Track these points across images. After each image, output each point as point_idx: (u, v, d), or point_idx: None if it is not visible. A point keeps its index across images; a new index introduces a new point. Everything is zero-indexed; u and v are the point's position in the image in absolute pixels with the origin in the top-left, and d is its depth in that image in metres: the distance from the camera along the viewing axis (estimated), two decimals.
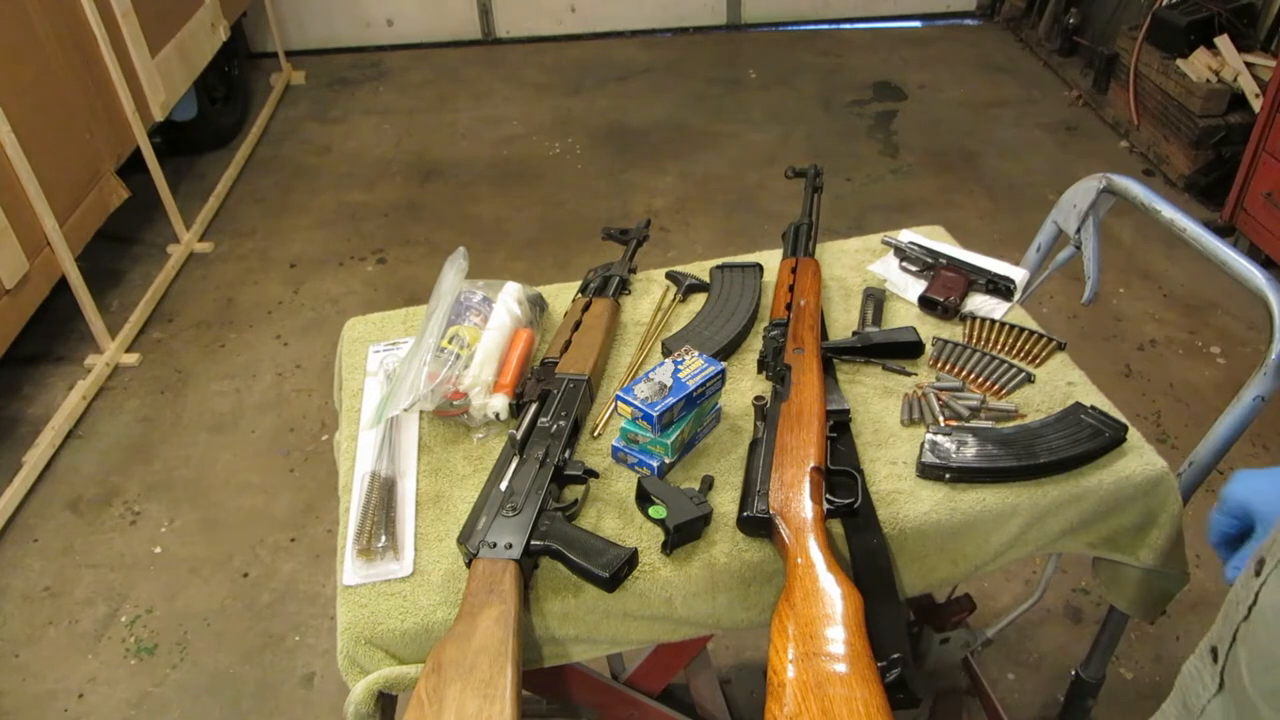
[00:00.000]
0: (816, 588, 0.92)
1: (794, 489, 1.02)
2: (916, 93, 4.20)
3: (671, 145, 3.84)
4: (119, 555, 2.22)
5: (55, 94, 2.57)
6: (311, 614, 2.07)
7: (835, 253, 1.48)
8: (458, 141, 3.93)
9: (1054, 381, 1.23)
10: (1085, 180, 1.39)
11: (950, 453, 1.09)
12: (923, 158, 3.70)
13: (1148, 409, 2.51)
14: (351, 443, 1.18)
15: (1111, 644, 1.42)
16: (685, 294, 1.40)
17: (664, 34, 4.86)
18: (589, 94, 4.28)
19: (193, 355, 2.82)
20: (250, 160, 3.79)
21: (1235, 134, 3.18)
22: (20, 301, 2.38)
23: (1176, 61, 3.36)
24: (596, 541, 0.99)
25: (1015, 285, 1.37)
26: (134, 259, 3.21)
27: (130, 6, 2.85)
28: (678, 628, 1.06)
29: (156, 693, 1.93)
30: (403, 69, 4.56)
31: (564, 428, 1.11)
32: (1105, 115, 3.89)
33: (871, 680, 0.84)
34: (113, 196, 2.82)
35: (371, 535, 1.04)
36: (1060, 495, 1.09)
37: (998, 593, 2.06)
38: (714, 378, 1.10)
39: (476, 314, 1.26)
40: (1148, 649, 1.95)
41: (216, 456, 2.47)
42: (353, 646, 0.97)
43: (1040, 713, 1.86)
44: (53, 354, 2.81)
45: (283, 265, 3.20)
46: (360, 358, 1.32)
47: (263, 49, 4.58)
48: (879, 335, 1.27)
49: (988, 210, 3.38)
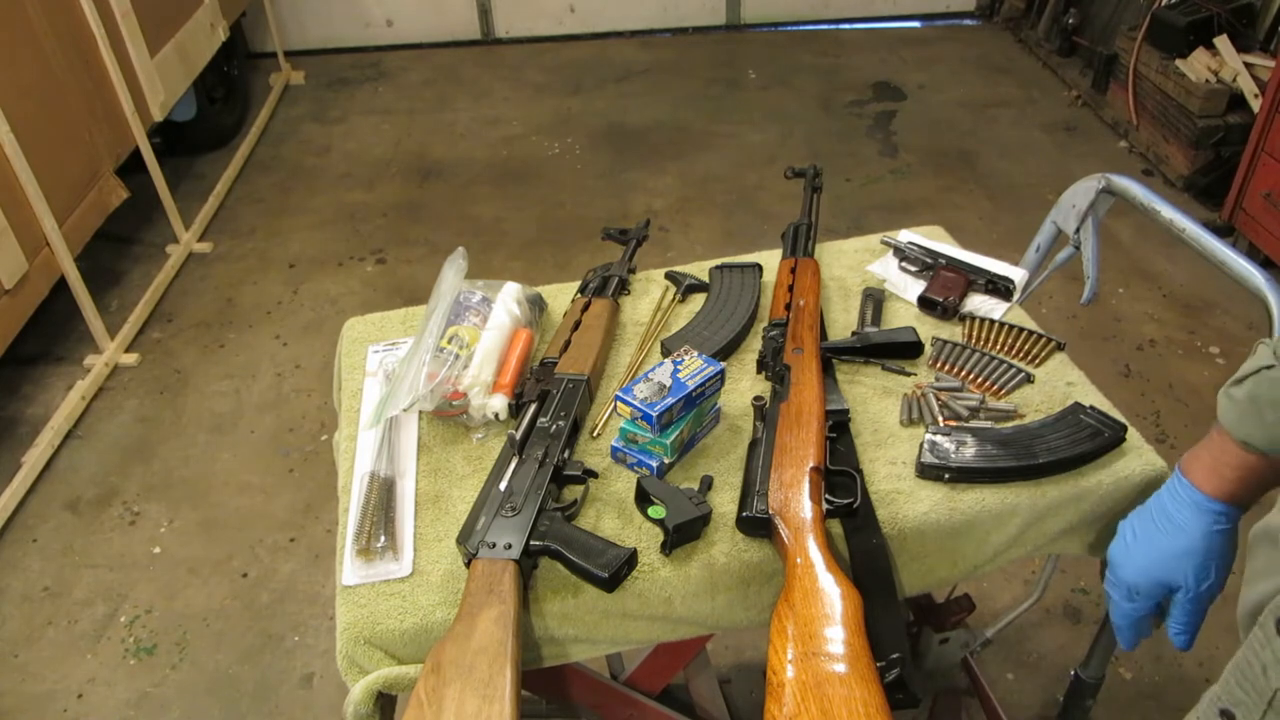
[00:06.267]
0: (816, 588, 0.92)
1: (793, 489, 1.02)
2: (916, 93, 4.20)
3: (671, 145, 3.83)
4: (118, 555, 2.22)
5: (55, 94, 2.57)
6: (311, 614, 2.07)
7: (834, 253, 1.48)
8: (457, 142, 3.93)
9: (1053, 382, 1.23)
10: (1084, 180, 1.39)
11: (949, 453, 1.09)
12: (922, 158, 3.71)
13: (1147, 409, 2.51)
14: (351, 443, 1.18)
15: (1111, 644, 1.42)
16: (684, 294, 1.40)
17: (663, 34, 4.86)
18: (588, 94, 4.28)
19: (192, 355, 2.82)
20: (249, 160, 3.79)
21: (1234, 134, 3.18)
22: (19, 301, 2.38)
23: (1176, 62, 3.36)
24: (596, 541, 0.99)
25: (1014, 285, 1.37)
26: (133, 259, 3.21)
27: (130, 6, 2.85)
28: (677, 628, 1.06)
29: (156, 693, 1.93)
30: (402, 69, 4.56)
31: (563, 428, 1.10)
32: (1104, 115, 3.89)
33: (871, 680, 0.84)
34: (112, 196, 2.82)
35: (371, 535, 1.04)
36: (1059, 495, 1.08)
37: (997, 593, 2.06)
38: (713, 378, 1.10)
39: (476, 314, 1.26)
40: (1147, 649, 1.95)
41: (216, 457, 2.47)
42: (352, 647, 0.97)
43: (1039, 713, 1.86)
44: (52, 354, 2.81)
45: (282, 265, 3.20)
46: (359, 358, 1.32)
47: (262, 49, 4.58)
48: (878, 335, 1.27)
49: (987, 210, 3.38)
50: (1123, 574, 0.98)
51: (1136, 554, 0.97)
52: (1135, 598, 0.98)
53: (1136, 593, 0.97)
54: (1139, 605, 0.98)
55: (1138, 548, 0.97)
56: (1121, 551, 0.99)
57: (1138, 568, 0.97)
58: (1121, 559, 0.99)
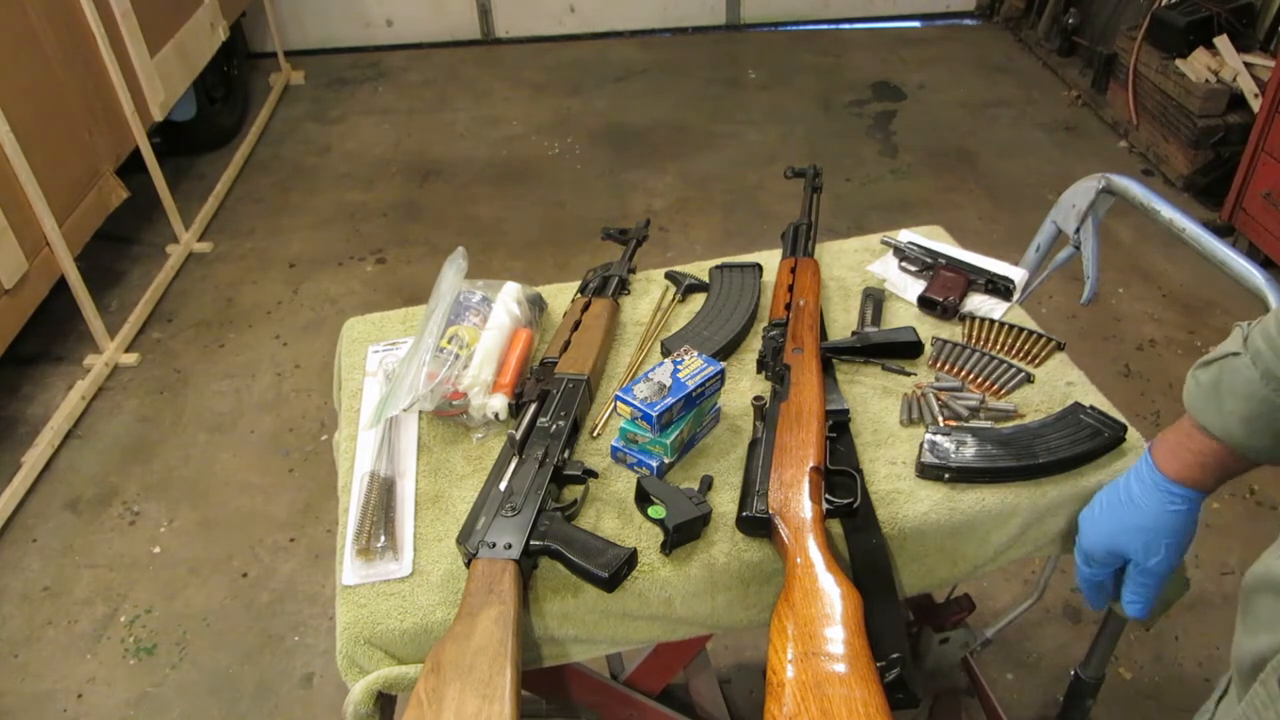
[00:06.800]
0: (816, 588, 0.92)
1: (793, 489, 1.02)
2: (915, 93, 4.20)
3: (671, 145, 3.83)
4: (118, 555, 2.22)
5: (54, 94, 2.57)
6: (311, 614, 2.07)
7: (834, 253, 1.48)
8: (457, 141, 3.93)
9: (1053, 381, 1.23)
10: (1084, 180, 1.39)
11: (949, 453, 1.09)
12: (922, 158, 3.71)
13: (1147, 409, 2.51)
14: (351, 443, 1.18)
15: (1110, 644, 1.42)
16: (684, 294, 1.40)
17: (663, 34, 4.86)
18: (588, 94, 4.28)
19: (192, 355, 2.82)
20: (249, 160, 3.79)
21: (1234, 134, 3.18)
22: (19, 301, 2.38)
23: (1176, 61, 3.36)
24: (596, 541, 0.99)
25: (1014, 285, 1.37)
26: (133, 259, 3.21)
27: (129, 6, 2.85)
28: (677, 628, 1.06)
29: (155, 693, 1.93)
30: (402, 69, 4.56)
31: (563, 428, 1.10)
32: (1104, 115, 3.89)
33: (871, 680, 0.84)
34: (112, 196, 2.82)
35: (371, 535, 1.04)
36: (1059, 495, 1.09)
37: (997, 593, 2.06)
38: (713, 378, 1.10)
39: (476, 314, 1.26)
40: (1147, 649, 1.95)
41: (216, 456, 2.47)
42: (352, 646, 0.97)
43: (1039, 713, 1.86)
44: (52, 354, 2.81)
45: (282, 265, 3.20)
46: (359, 358, 1.32)
47: (262, 49, 4.58)
48: (878, 335, 1.27)
49: (987, 210, 3.38)
50: (1083, 540, 1.03)
51: (1098, 523, 1.01)
52: (1092, 564, 1.02)
53: (1092, 559, 1.02)
54: (1095, 572, 1.03)
55: (1100, 517, 1.01)
56: (1087, 519, 1.03)
57: (1095, 536, 1.01)
58: (1085, 526, 1.03)
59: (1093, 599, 1.07)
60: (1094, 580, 1.04)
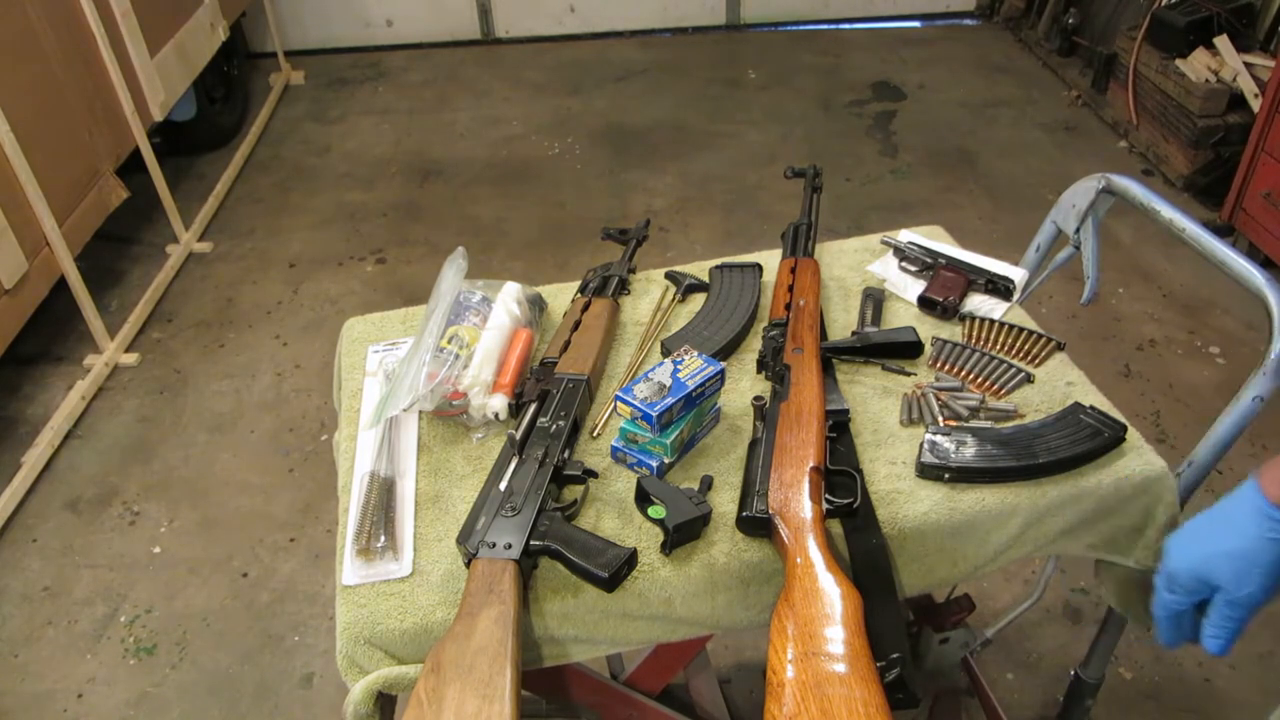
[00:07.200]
0: (816, 587, 0.92)
1: (793, 489, 1.02)
2: (916, 93, 4.20)
3: (671, 145, 3.83)
4: (118, 555, 2.22)
5: (54, 94, 2.57)
6: (311, 614, 2.07)
7: (834, 253, 1.48)
8: (457, 141, 3.93)
9: (1053, 381, 1.23)
10: (1084, 180, 1.39)
11: (949, 453, 1.09)
12: (922, 158, 3.71)
13: (1147, 409, 2.51)
14: (351, 443, 1.18)
15: (1111, 644, 1.42)
16: (684, 294, 1.40)
17: (663, 34, 4.86)
18: (588, 94, 4.28)
19: (192, 355, 2.82)
20: (249, 160, 3.79)
21: (1234, 134, 3.18)
22: (19, 301, 2.38)
23: (1176, 61, 3.36)
24: (596, 541, 0.99)
25: (1014, 285, 1.37)
26: (133, 259, 3.21)
27: (129, 7, 2.85)
28: (677, 628, 1.06)
29: (156, 693, 1.93)
30: (402, 69, 4.56)
31: (563, 428, 1.10)
32: (1104, 115, 3.89)
33: (871, 680, 0.84)
34: (112, 196, 2.82)
35: (371, 535, 1.04)
36: (1059, 495, 1.09)
37: (997, 593, 2.06)
38: (713, 378, 1.10)
39: (476, 314, 1.26)
40: (1147, 649, 1.95)
41: (216, 456, 2.47)
42: (352, 646, 0.97)
43: (1040, 713, 1.86)
44: (52, 354, 2.81)
45: (282, 265, 3.20)
46: (359, 358, 1.32)
47: (262, 49, 4.58)
48: (878, 335, 1.27)
49: (987, 210, 3.38)
50: (1169, 562, 0.96)
51: (1188, 546, 0.95)
52: (1174, 589, 0.95)
53: (1176, 584, 0.95)
54: (1177, 599, 0.95)
55: (1192, 540, 0.95)
56: (1176, 541, 0.97)
57: (1184, 559, 0.94)
58: (1174, 549, 0.96)
59: (1166, 633, 0.99)
60: (1175, 609, 0.96)
